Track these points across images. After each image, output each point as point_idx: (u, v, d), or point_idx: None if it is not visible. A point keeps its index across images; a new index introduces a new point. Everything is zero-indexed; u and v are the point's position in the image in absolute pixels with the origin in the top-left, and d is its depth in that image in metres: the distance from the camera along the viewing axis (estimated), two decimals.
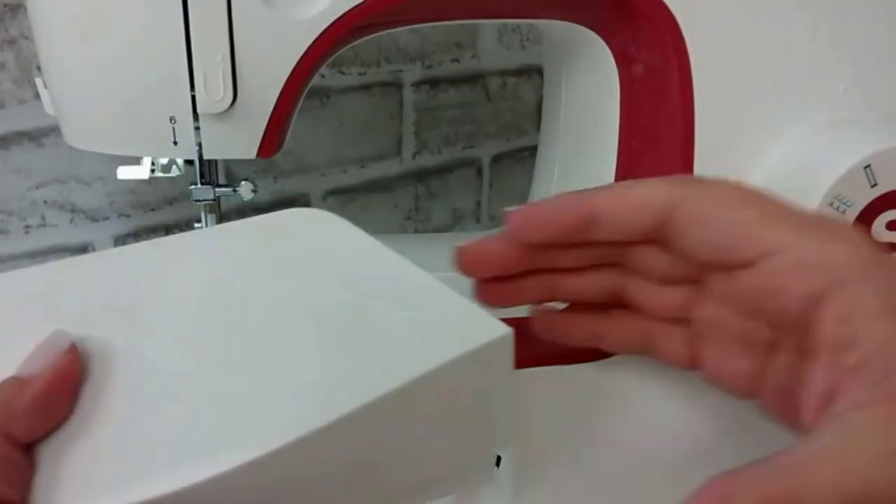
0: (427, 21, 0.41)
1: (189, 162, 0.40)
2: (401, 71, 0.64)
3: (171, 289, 0.27)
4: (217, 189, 0.40)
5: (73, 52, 0.34)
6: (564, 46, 0.45)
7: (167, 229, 0.58)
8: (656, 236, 0.30)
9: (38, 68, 0.38)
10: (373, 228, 0.56)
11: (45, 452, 0.22)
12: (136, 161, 0.42)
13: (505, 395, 0.27)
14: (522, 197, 0.54)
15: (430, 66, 0.65)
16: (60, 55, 0.35)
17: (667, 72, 0.39)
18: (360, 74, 0.62)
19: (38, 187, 0.53)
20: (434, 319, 0.27)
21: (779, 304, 0.27)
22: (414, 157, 0.67)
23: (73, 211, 0.55)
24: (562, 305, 0.35)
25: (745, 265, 0.28)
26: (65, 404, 0.23)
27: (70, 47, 0.34)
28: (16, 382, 0.23)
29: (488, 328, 0.26)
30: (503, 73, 0.69)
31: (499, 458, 0.38)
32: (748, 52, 0.39)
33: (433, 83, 0.66)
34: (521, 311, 0.42)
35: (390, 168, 0.66)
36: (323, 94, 0.61)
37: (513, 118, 0.71)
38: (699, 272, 0.30)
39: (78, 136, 0.37)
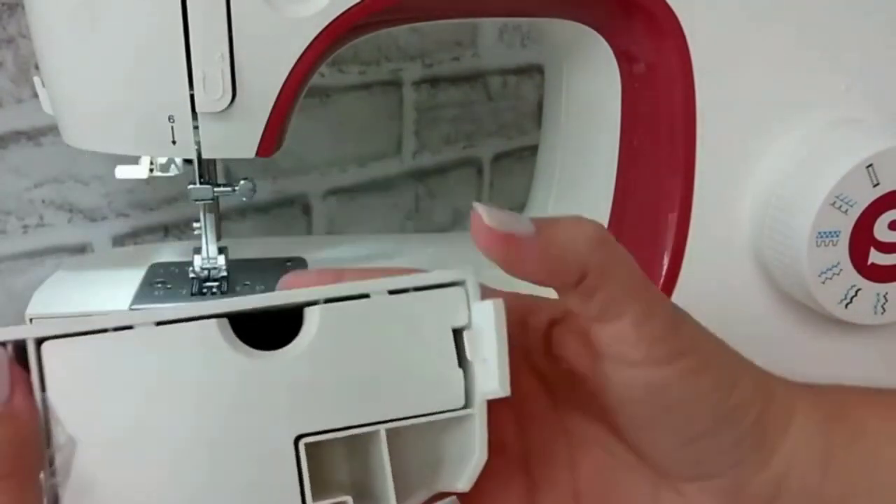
0: (427, 19, 0.41)
1: (188, 161, 0.40)
2: (401, 69, 0.64)
3: None
4: (216, 188, 0.39)
5: (71, 50, 0.34)
6: (566, 45, 0.45)
7: (166, 229, 0.58)
8: None
9: (37, 67, 0.38)
10: (373, 228, 0.56)
11: None
12: (134, 160, 0.42)
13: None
14: (523, 196, 0.54)
15: (430, 65, 0.65)
16: (58, 54, 0.35)
17: (668, 71, 0.39)
18: (359, 73, 0.62)
19: (36, 187, 0.53)
20: None
21: None
22: (414, 157, 0.67)
23: (71, 210, 0.54)
24: None
25: None
26: None
27: (68, 46, 0.34)
28: None
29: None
30: (504, 72, 0.69)
31: None
32: (750, 50, 0.39)
33: (433, 82, 0.66)
34: None
35: (390, 167, 0.66)
36: (322, 92, 0.61)
37: (513, 117, 0.71)
38: None
39: (76, 135, 0.36)
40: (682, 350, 0.25)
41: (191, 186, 0.39)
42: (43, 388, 0.23)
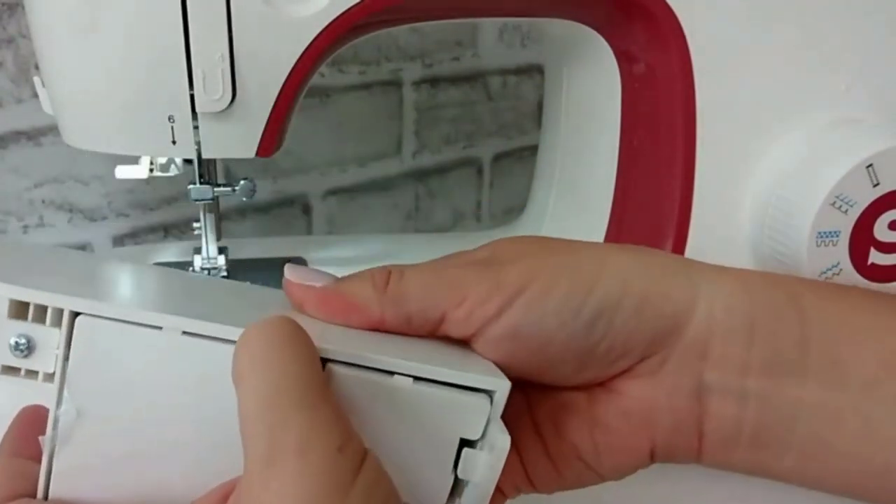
0: (427, 19, 0.41)
1: (188, 161, 0.40)
2: (401, 70, 0.64)
3: None
4: (216, 188, 0.39)
5: (71, 50, 0.34)
6: (565, 45, 0.45)
7: (166, 229, 0.58)
8: None
9: (36, 67, 0.38)
10: (373, 228, 0.56)
11: None
12: (134, 160, 0.42)
13: None
14: (523, 196, 0.54)
15: (430, 65, 0.65)
16: (58, 54, 0.35)
17: (668, 71, 0.39)
18: (359, 73, 0.62)
19: (35, 187, 0.53)
20: None
21: None
22: (414, 157, 0.67)
23: (71, 211, 0.54)
24: None
25: None
26: None
27: (68, 46, 0.34)
28: None
29: None
30: (504, 72, 0.69)
31: None
32: (750, 50, 0.39)
33: (433, 82, 0.66)
34: None
35: (390, 167, 0.66)
36: (322, 92, 0.61)
37: (513, 117, 0.71)
38: None
39: (76, 135, 0.36)
40: (512, 292, 0.27)
41: (191, 186, 0.39)
42: (66, 357, 0.25)
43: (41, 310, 0.25)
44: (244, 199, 0.40)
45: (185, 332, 0.25)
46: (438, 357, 0.26)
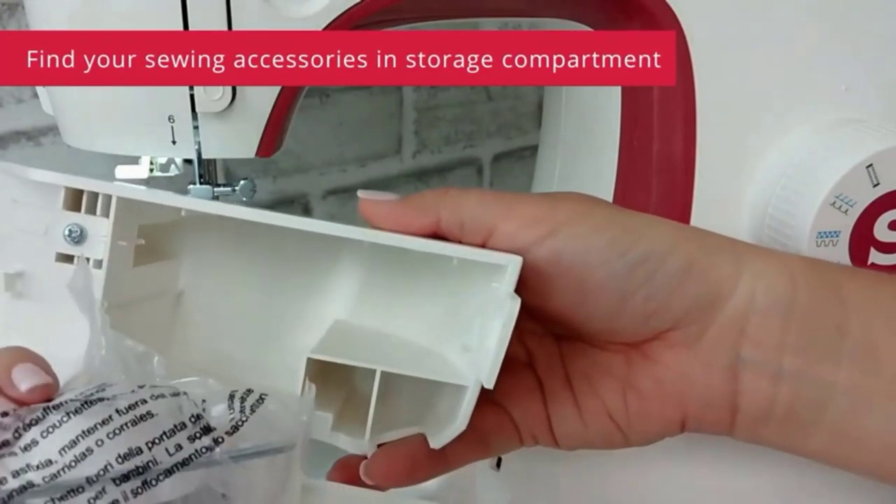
0: (427, 19, 0.41)
1: (188, 161, 0.40)
2: None
3: None
4: (216, 188, 0.39)
5: None
6: None
7: None
8: None
9: None
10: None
11: None
12: (134, 160, 0.42)
13: None
14: None
15: None
16: None
17: None
18: None
19: None
20: None
21: None
22: (414, 157, 0.67)
23: None
24: None
25: None
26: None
27: None
28: None
29: None
30: None
31: (499, 460, 0.38)
32: (750, 50, 0.39)
33: None
34: None
35: (390, 167, 0.66)
36: (322, 92, 0.61)
37: (513, 117, 0.71)
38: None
39: (76, 135, 0.36)
40: (563, 221, 0.28)
41: (191, 186, 0.39)
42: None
43: (93, 201, 0.28)
44: (244, 199, 0.40)
45: None
46: None
